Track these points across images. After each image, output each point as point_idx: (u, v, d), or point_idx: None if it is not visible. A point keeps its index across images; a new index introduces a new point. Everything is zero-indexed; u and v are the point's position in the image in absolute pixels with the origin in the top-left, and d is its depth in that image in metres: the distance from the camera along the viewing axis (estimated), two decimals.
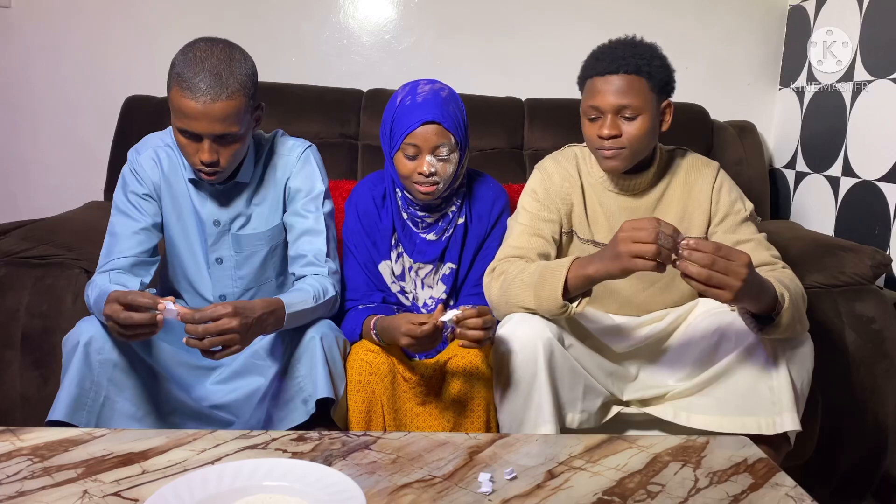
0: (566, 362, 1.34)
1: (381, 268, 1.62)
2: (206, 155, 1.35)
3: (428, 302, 1.64)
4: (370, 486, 1.00)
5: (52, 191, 2.42)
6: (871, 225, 1.95)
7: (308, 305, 1.38)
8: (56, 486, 0.98)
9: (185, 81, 1.30)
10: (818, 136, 2.24)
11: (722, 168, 1.57)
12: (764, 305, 1.25)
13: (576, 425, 1.38)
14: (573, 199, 1.54)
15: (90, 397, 1.30)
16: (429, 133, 1.47)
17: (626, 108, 1.41)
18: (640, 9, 2.41)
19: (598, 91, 1.42)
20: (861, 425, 1.69)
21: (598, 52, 1.46)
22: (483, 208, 1.64)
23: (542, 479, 1.04)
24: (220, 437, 1.14)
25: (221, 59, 1.33)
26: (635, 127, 1.42)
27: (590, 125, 1.46)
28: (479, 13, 2.40)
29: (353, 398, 1.43)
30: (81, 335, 1.30)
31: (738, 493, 1.03)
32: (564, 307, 1.32)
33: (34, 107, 2.40)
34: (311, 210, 1.51)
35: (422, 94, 1.51)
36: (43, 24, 2.34)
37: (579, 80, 1.50)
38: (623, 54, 1.41)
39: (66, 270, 1.67)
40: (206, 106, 1.30)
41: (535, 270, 1.36)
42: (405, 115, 1.49)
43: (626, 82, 1.41)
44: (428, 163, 1.48)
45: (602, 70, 1.42)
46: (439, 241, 1.61)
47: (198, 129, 1.32)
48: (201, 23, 2.32)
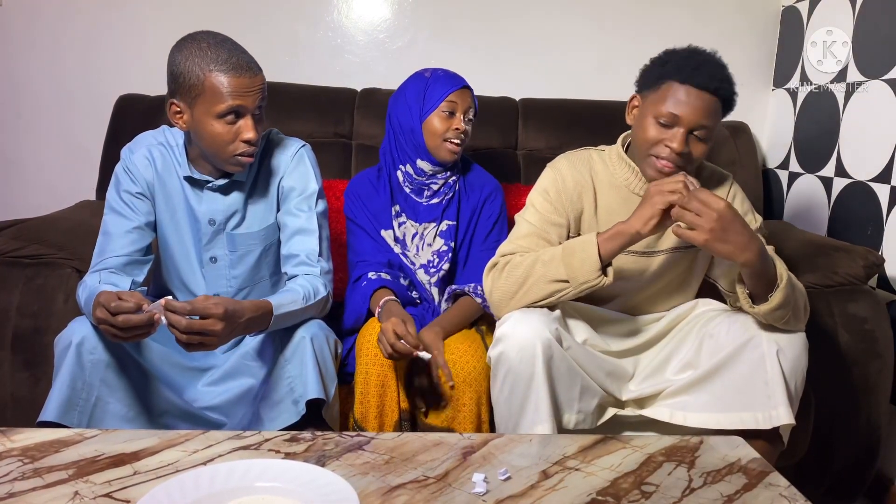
0: (564, 363, 1.34)
1: (383, 234, 1.76)
2: (253, 132, 1.38)
3: (431, 258, 1.75)
4: (364, 486, 1.00)
5: (44, 190, 2.41)
6: (864, 225, 1.96)
7: (297, 307, 1.37)
8: (47, 487, 0.97)
9: (225, 63, 1.34)
10: (811, 136, 2.25)
11: (736, 182, 1.58)
12: (764, 284, 1.30)
13: (572, 426, 1.38)
14: (584, 203, 1.52)
15: (82, 398, 1.29)
16: (466, 95, 1.71)
17: (703, 128, 1.38)
18: (635, 10, 2.41)
19: (684, 102, 1.36)
20: (854, 425, 1.69)
21: (695, 61, 1.38)
22: (472, 183, 1.81)
23: (536, 480, 1.04)
24: (212, 437, 1.14)
25: (234, 43, 1.39)
26: (702, 149, 1.41)
27: (658, 129, 1.40)
28: (473, 13, 2.40)
29: (365, 391, 1.47)
30: (74, 335, 1.30)
31: (732, 492, 1.03)
32: (600, 272, 1.35)
33: (26, 105, 2.39)
34: (303, 209, 1.51)
35: (445, 71, 1.74)
36: (35, 23, 2.33)
37: (656, 76, 1.42)
38: (719, 75, 1.38)
39: (58, 270, 1.66)
40: (252, 78, 1.37)
41: (555, 250, 1.39)
42: (442, 82, 1.70)
43: (713, 105, 1.38)
44: (463, 121, 1.70)
45: (698, 82, 1.36)
46: (440, 203, 1.77)
47: (248, 103, 1.37)
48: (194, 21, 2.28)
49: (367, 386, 1.46)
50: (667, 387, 1.45)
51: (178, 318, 1.20)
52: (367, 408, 1.46)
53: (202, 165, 1.48)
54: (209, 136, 1.38)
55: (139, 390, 1.37)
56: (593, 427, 1.42)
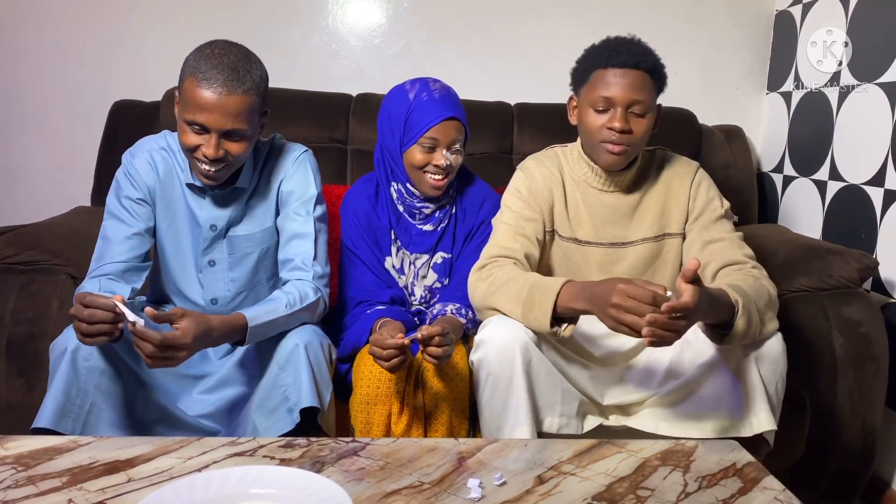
0: (543, 365, 1.35)
1: (387, 265, 1.66)
2: (212, 150, 1.34)
3: (423, 293, 1.67)
4: (359, 492, 0.99)
5: (39, 196, 2.40)
6: (858, 228, 1.96)
7: (277, 315, 1.36)
8: (40, 494, 0.96)
9: (201, 73, 1.31)
10: (805, 140, 2.26)
11: (702, 168, 1.59)
12: (724, 315, 1.25)
13: (555, 429, 1.37)
14: (555, 197, 1.56)
15: (76, 404, 1.29)
16: (449, 128, 1.56)
17: (638, 103, 1.43)
18: (629, 14, 2.42)
19: (612, 83, 1.43)
20: (849, 428, 1.69)
21: (612, 45, 1.46)
22: (471, 203, 1.71)
23: (532, 485, 1.04)
24: (207, 444, 1.13)
25: (239, 58, 1.35)
26: (643, 124, 1.45)
27: (596, 116, 1.46)
28: (468, 18, 2.40)
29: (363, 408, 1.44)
30: (69, 342, 1.29)
31: (728, 496, 1.03)
32: (553, 332, 1.33)
33: (20, 111, 2.38)
34: (301, 213, 1.51)
35: (436, 90, 1.59)
36: (29, 29, 2.33)
37: (583, 70, 1.50)
38: (639, 51, 1.44)
39: (53, 276, 1.65)
40: (221, 98, 1.31)
41: (524, 286, 1.35)
42: (425, 110, 1.56)
43: (641, 79, 1.43)
44: (444, 156, 1.57)
45: (619, 62, 1.42)
46: (434, 231, 1.67)
47: (209, 122, 1.32)
48: (189, 27, 2.31)
49: (370, 405, 1.44)
50: (649, 396, 1.44)
51: (146, 336, 1.17)
52: (369, 428, 1.44)
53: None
54: (179, 136, 1.39)
55: (134, 398, 1.36)
56: (578, 434, 1.41)
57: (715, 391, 1.35)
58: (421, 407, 1.45)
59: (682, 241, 1.56)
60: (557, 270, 1.58)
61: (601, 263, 1.56)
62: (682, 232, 1.56)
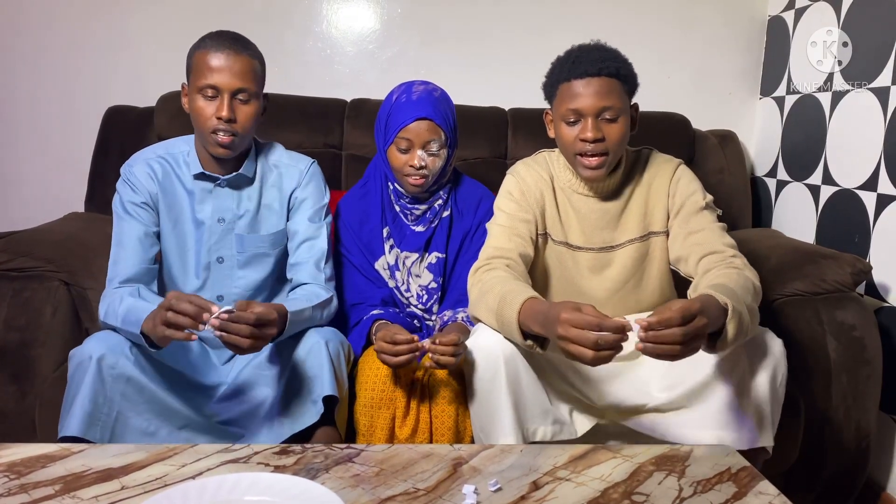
0: (528, 374, 1.33)
1: (377, 266, 1.69)
2: (225, 109, 1.43)
3: (419, 292, 1.69)
4: (354, 499, 0.99)
5: (32, 202, 2.39)
6: (852, 233, 1.97)
7: (307, 304, 1.44)
8: (33, 503, 0.96)
9: (208, 44, 1.45)
10: (798, 144, 2.26)
11: (684, 165, 1.59)
12: (718, 323, 1.19)
13: (549, 437, 1.35)
14: (546, 201, 1.57)
15: (104, 412, 1.30)
16: (421, 128, 1.57)
17: (607, 109, 1.42)
18: (622, 20, 2.43)
19: (578, 94, 1.42)
20: (843, 432, 1.70)
21: (574, 56, 1.45)
22: (467, 204, 1.72)
23: (527, 491, 1.04)
24: (201, 451, 1.13)
25: (239, 36, 1.50)
26: (616, 129, 1.44)
27: (568, 129, 1.46)
28: (463, 23, 2.41)
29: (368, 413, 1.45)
30: (94, 351, 1.30)
31: (723, 501, 1.03)
32: (530, 346, 1.29)
33: (14, 117, 2.37)
34: (314, 220, 1.59)
35: (416, 92, 1.61)
36: (22, 34, 2.32)
37: (550, 85, 1.50)
38: (600, 57, 1.43)
39: (46, 283, 1.65)
40: (229, 59, 1.44)
41: (496, 299, 1.32)
42: (400, 111, 1.59)
43: (606, 85, 1.42)
44: (419, 157, 1.58)
45: (581, 73, 1.41)
46: (426, 231, 1.69)
47: (220, 82, 1.43)
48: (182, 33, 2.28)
49: (373, 409, 1.45)
50: (647, 402, 1.43)
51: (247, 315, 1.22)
52: (372, 432, 1.45)
53: (210, 165, 1.54)
54: (193, 112, 1.47)
55: (159, 405, 1.37)
56: (573, 438, 1.40)
57: (714, 402, 1.33)
58: (427, 412, 1.47)
59: (666, 238, 1.56)
60: (553, 273, 1.59)
61: (592, 267, 1.57)
62: (665, 230, 1.56)
